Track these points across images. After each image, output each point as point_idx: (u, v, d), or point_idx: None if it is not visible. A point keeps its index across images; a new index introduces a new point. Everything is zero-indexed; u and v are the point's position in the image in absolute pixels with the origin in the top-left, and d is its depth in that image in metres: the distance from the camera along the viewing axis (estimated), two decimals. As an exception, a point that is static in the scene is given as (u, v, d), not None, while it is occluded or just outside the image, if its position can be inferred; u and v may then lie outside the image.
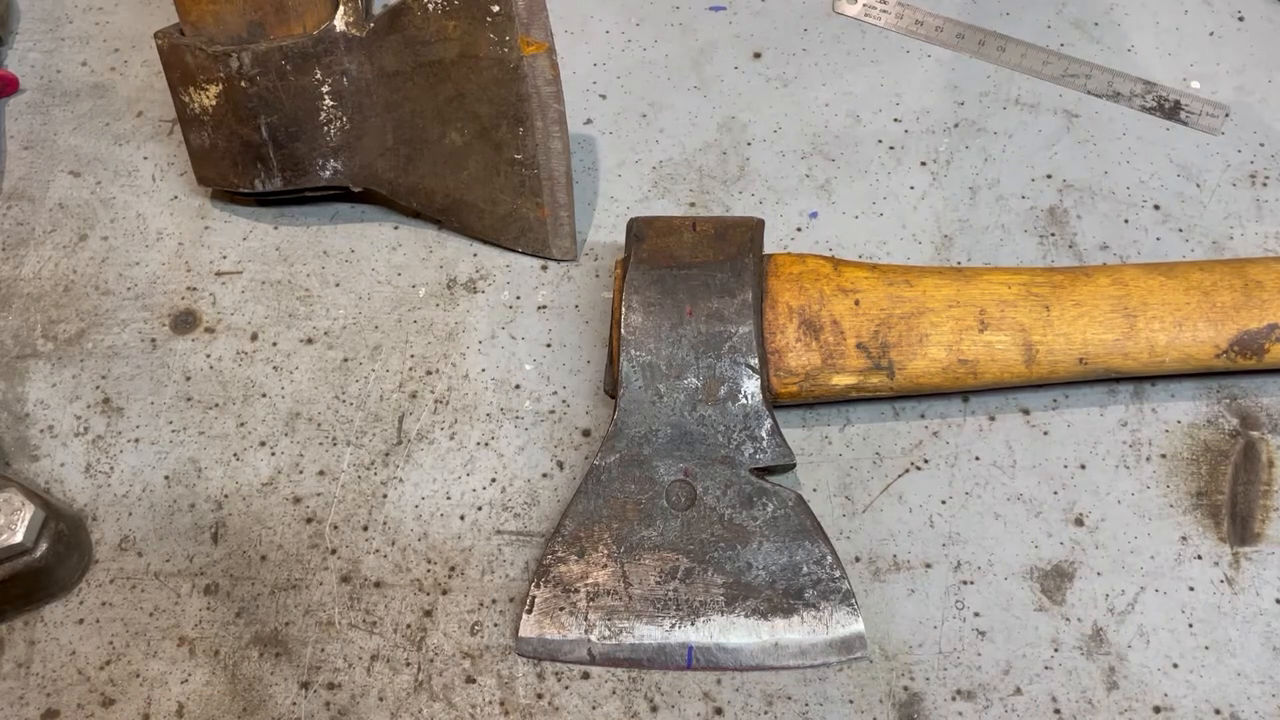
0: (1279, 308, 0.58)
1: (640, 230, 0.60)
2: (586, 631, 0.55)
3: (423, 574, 0.58)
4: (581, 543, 0.56)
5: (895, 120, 0.72)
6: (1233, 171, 0.69)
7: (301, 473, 0.61)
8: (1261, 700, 0.54)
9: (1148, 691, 0.54)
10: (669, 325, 0.58)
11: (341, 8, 0.62)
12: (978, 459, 0.60)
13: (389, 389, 0.63)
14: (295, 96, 0.62)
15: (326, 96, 0.62)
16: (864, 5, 0.76)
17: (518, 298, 0.66)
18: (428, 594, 0.57)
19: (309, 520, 0.59)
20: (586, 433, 0.62)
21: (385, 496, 0.60)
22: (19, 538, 0.53)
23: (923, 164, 0.70)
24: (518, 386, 0.63)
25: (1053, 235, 0.67)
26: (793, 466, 0.59)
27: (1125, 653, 0.55)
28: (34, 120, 0.73)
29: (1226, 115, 0.71)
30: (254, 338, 0.65)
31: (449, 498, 0.60)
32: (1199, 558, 0.57)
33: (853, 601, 0.55)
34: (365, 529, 0.59)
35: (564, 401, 0.63)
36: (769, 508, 0.57)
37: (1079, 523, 0.58)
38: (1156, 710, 0.54)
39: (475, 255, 0.67)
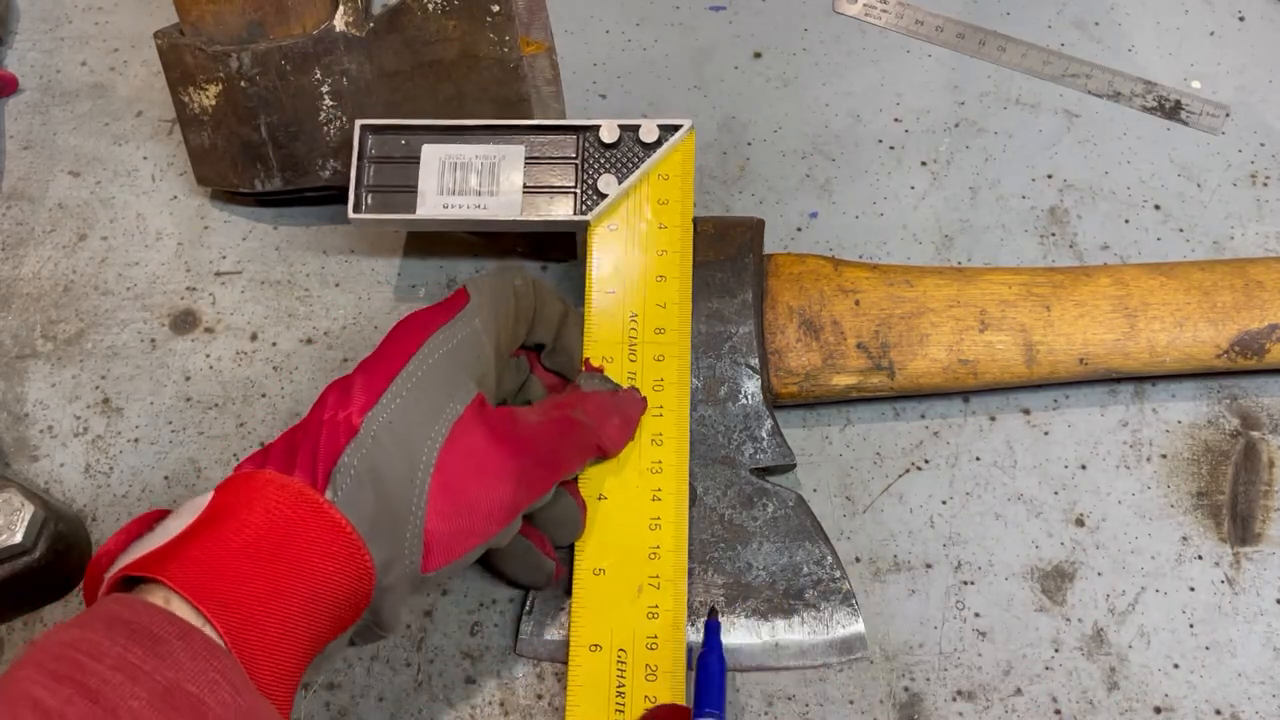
0: (1279, 307, 0.58)
1: (640, 230, 0.60)
2: (586, 632, 0.55)
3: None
4: (581, 543, 0.56)
5: (895, 120, 0.71)
6: (1233, 171, 0.69)
7: (301, 473, 0.61)
8: (1262, 701, 0.54)
9: (1148, 692, 0.54)
10: (669, 325, 0.57)
11: (341, 8, 0.62)
12: (978, 459, 0.60)
13: (389, 389, 0.63)
14: (295, 96, 0.62)
15: (326, 96, 0.62)
16: (864, 5, 0.76)
17: (518, 298, 0.66)
18: (428, 594, 0.57)
19: (309, 520, 0.59)
20: (586, 433, 0.62)
21: (385, 497, 0.60)
22: (18, 538, 0.53)
23: (923, 164, 0.70)
24: (518, 386, 0.63)
25: (1053, 235, 0.67)
26: (793, 467, 0.59)
27: (1126, 653, 0.55)
28: (33, 120, 0.73)
29: (1227, 115, 0.71)
30: (254, 338, 0.65)
31: (449, 498, 0.60)
32: (1200, 558, 0.57)
33: (853, 602, 0.55)
34: (365, 529, 0.59)
35: (564, 402, 0.63)
36: (769, 508, 0.57)
37: (1079, 523, 0.58)
38: (1157, 711, 0.54)
39: (476, 256, 0.67)
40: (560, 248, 0.66)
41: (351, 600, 0.43)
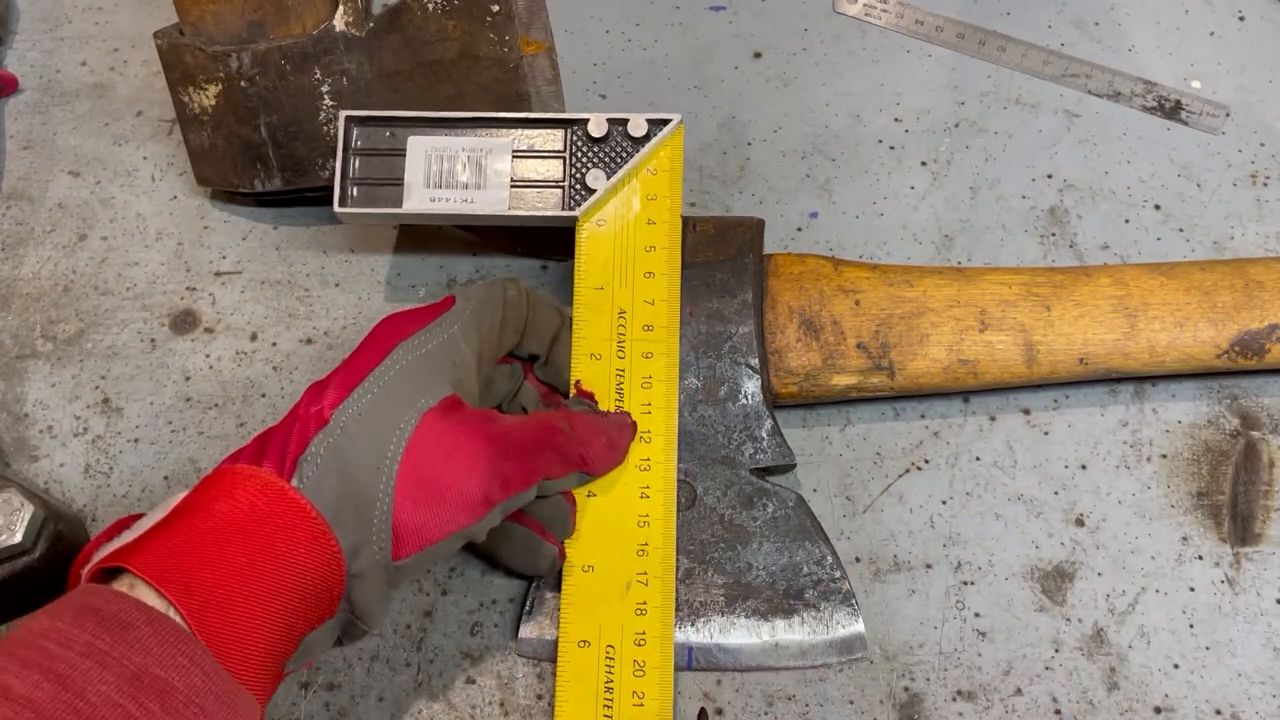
0: (1279, 307, 0.58)
1: (640, 230, 0.60)
2: (586, 632, 0.55)
3: (423, 574, 0.58)
4: (581, 543, 0.56)
5: (895, 120, 0.71)
6: (1233, 171, 0.69)
7: (301, 473, 0.61)
8: (1262, 701, 0.54)
9: (1148, 692, 0.54)
10: (669, 325, 0.57)
11: (341, 8, 0.62)
12: (978, 459, 0.60)
13: (389, 389, 0.63)
14: (295, 96, 0.62)
15: (326, 96, 0.62)
16: (864, 5, 0.76)
17: (518, 298, 0.66)
18: (428, 594, 0.57)
19: (309, 520, 0.59)
20: (586, 433, 0.62)
21: (385, 497, 0.60)
22: (18, 538, 0.53)
23: (923, 164, 0.70)
24: (518, 386, 0.63)
25: (1053, 235, 0.67)
26: (793, 467, 0.59)
27: (1126, 653, 0.55)
28: (33, 120, 0.73)
29: (1227, 115, 0.71)
30: (253, 338, 0.65)
31: (449, 498, 0.60)
32: (1200, 558, 0.57)
33: (853, 602, 0.55)
34: (365, 529, 0.59)
35: (564, 402, 0.63)
36: (769, 508, 0.57)
37: (1079, 523, 0.58)
38: (1157, 711, 0.54)
39: (475, 255, 0.67)
40: (561, 246, 0.66)
41: (322, 586, 0.43)
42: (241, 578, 0.41)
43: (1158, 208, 0.68)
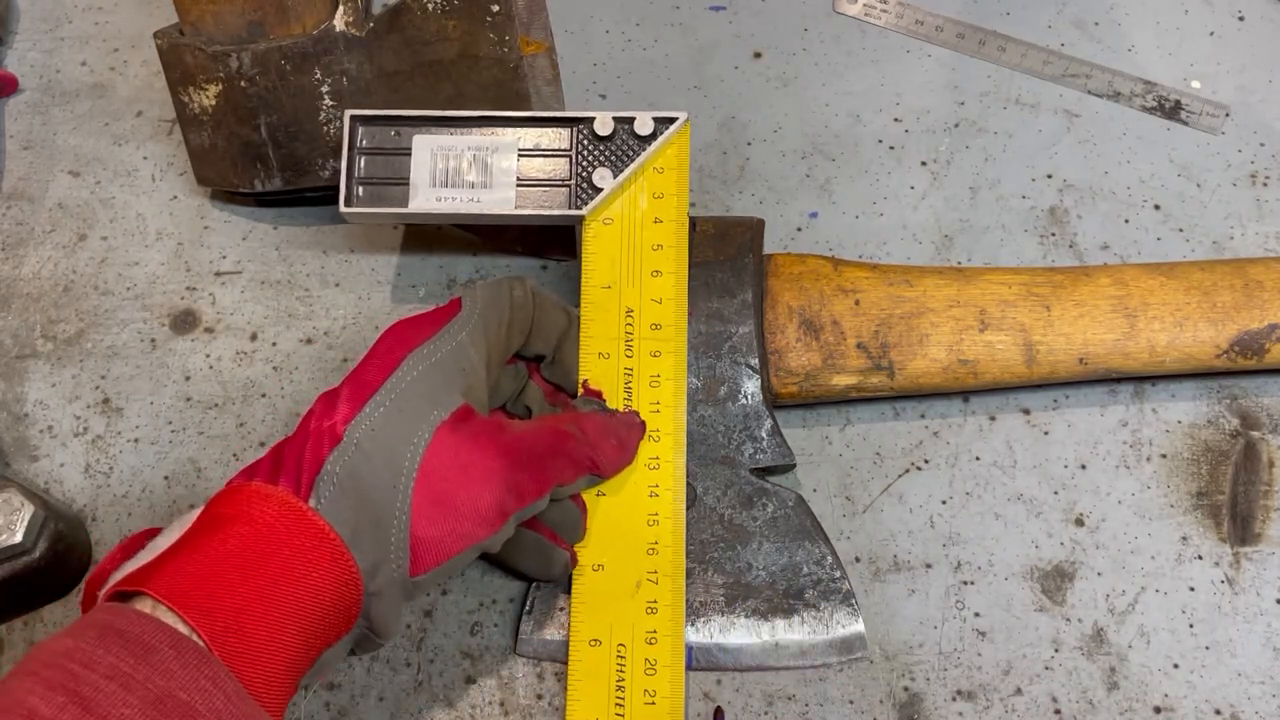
0: (1279, 308, 0.58)
1: (640, 230, 0.60)
2: (586, 632, 0.55)
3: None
4: (581, 543, 0.56)
5: (895, 120, 0.71)
6: (1233, 171, 0.69)
7: (301, 473, 0.61)
8: (1262, 700, 0.54)
9: (1148, 692, 0.54)
10: (669, 325, 0.57)
11: (341, 8, 0.62)
12: (978, 459, 0.60)
13: (389, 389, 0.63)
14: (295, 96, 0.62)
15: (326, 96, 0.62)
16: (864, 5, 0.76)
17: (518, 298, 0.66)
18: (428, 594, 0.57)
19: (309, 520, 0.59)
20: (586, 433, 0.62)
21: (385, 497, 0.60)
22: (18, 538, 0.53)
23: (923, 164, 0.70)
24: (518, 386, 0.63)
25: (1053, 235, 0.67)
26: (793, 467, 0.59)
27: (1126, 653, 0.55)
28: (33, 120, 0.73)
29: (1227, 115, 0.71)
30: (254, 338, 0.65)
31: (449, 498, 0.60)
32: (1199, 558, 0.57)
33: (853, 602, 0.55)
34: (365, 529, 0.59)
35: (564, 401, 0.63)
36: (769, 508, 0.57)
37: (1079, 523, 0.58)
38: (1157, 710, 0.54)
39: (475, 255, 0.67)
40: (561, 246, 0.66)
41: (340, 605, 0.43)
42: (262, 600, 0.41)
43: (1158, 208, 0.68)
